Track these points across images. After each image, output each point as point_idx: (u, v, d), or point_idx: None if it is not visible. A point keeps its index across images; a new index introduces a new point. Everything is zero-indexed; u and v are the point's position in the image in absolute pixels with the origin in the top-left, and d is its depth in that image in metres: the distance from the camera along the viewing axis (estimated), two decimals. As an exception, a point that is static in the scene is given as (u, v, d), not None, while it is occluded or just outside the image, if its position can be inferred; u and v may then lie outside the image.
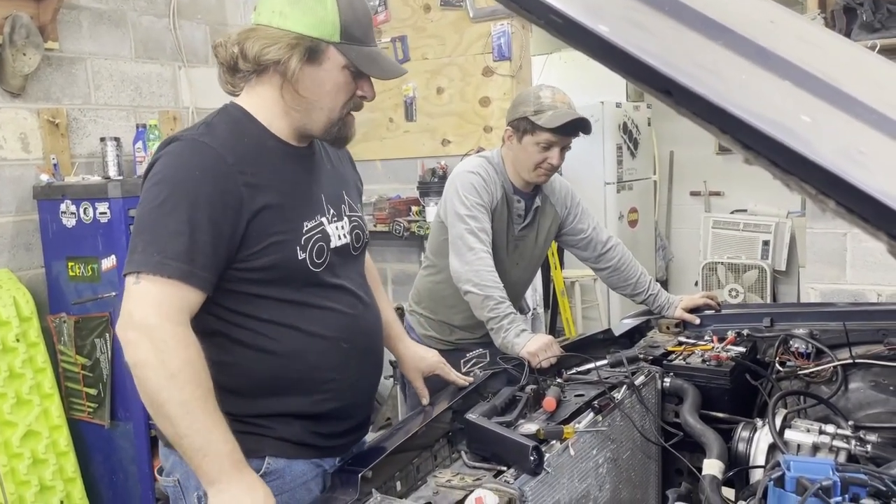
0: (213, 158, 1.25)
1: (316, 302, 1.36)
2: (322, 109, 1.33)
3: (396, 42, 4.00)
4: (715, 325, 2.05)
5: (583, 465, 1.45)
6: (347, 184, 1.53)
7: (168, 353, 1.16)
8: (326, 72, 1.30)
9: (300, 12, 1.27)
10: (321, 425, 1.40)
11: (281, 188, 1.32)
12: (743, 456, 1.54)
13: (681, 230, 6.12)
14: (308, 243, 1.33)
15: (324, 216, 1.39)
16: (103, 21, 3.28)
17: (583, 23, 0.63)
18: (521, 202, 2.18)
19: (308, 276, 1.34)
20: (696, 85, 0.60)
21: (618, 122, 4.81)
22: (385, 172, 4.23)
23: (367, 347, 1.46)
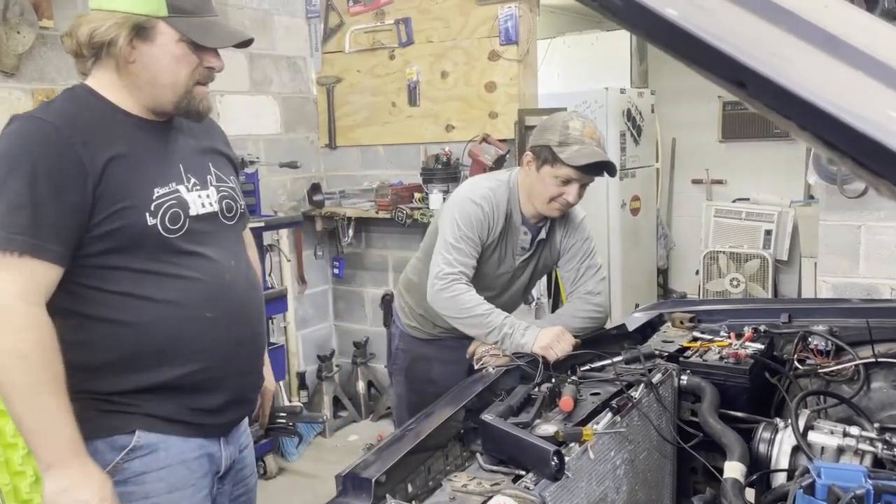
0: (48, 131, 1.26)
1: (172, 271, 1.35)
2: (164, 85, 1.34)
3: (400, 24, 3.91)
4: (731, 320, 2.00)
5: (601, 467, 1.40)
6: (215, 157, 1.52)
7: (20, 333, 1.18)
8: (161, 47, 1.32)
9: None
10: (194, 399, 1.39)
11: (128, 155, 1.32)
12: (764, 458, 1.50)
13: (682, 218, 6.07)
14: (159, 209, 1.33)
15: (180, 184, 1.38)
16: (99, -1, 3.18)
17: (649, 5, 0.57)
18: (528, 234, 2.08)
19: (161, 242, 1.33)
20: (777, 76, 0.53)
21: (622, 108, 4.74)
22: (387, 158, 4.16)
23: (237, 317, 1.44)
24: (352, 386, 4.23)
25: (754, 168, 5.64)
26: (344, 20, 4.10)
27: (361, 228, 4.26)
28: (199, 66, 1.36)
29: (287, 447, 3.66)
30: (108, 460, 1.32)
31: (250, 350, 1.50)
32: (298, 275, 4.20)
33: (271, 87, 4.05)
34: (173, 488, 1.37)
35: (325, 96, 4.25)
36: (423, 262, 2.19)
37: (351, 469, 1.27)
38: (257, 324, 1.53)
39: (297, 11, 4.17)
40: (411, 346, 2.31)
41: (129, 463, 1.34)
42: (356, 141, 4.23)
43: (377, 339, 4.29)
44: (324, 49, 4.21)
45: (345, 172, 4.31)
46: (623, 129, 4.74)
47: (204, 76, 1.38)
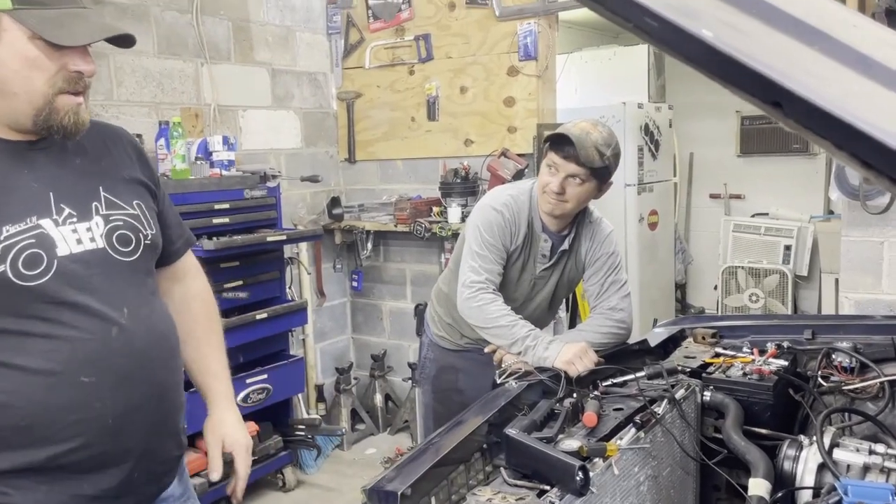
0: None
1: (36, 329, 1.11)
2: (17, 94, 1.10)
3: (420, 40, 3.95)
4: (753, 336, 1.99)
5: (625, 483, 1.40)
6: (110, 178, 1.26)
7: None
8: (8, 47, 1.08)
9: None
10: (75, 484, 1.16)
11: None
12: (789, 475, 1.49)
13: (700, 233, 6.05)
14: (9, 252, 1.08)
15: (45, 217, 1.13)
16: (127, 16, 3.24)
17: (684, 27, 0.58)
18: (549, 242, 2.09)
19: (15, 293, 1.09)
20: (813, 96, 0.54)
21: (639, 123, 4.74)
22: (406, 172, 4.18)
23: (129, 379, 1.19)
24: (369, 399, 4.24)
25: (773, 183, 5.62)
26: (364, 36, 4.15)
27: (380, 242, 4.28)
28: (60, 71, 1.11)
29: (305, 459, 3.68)
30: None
31: (151, 417, 1.24)
32: (317, 287, 4.22)
33: (293, 103, 4.09)
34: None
35: (345, 111, 4.30)
36: (453, 273, 2.22)
37: (376, 482, 1.28)
38: (163, 383, 1.27)
39: (319, 28, 4.22)
40: (439, 355, 2.35)
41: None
42: (375, 155, 4.27)
43: (395, 352, 4.30)
44: (344, 65, 4.26)
45: (364, 186, 4.34)
46: (640, 144, 4.74)
47: (70, 82, 1.12)
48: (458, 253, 2.19)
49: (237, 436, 1.45)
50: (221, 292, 3.04)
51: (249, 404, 3.14)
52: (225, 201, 3.05)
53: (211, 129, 3.57)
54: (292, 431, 3.46)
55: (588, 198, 2.03)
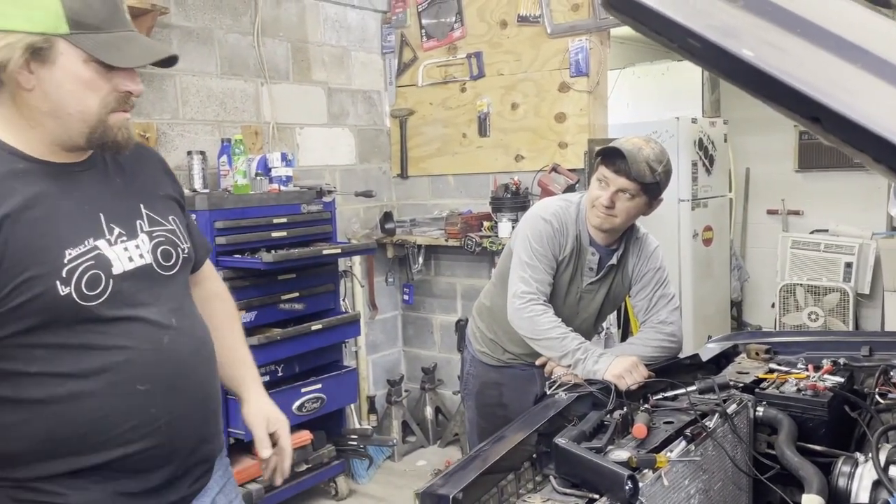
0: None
1: (96, 342, 1.17)
2: (72, 115, 1.15)
3: (472, 58, 4.02)
4: (808, 352, 1.96)
5: (675, 495, 1.40)
6: (148, 195, 1.31)
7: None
8: (63, 70, 1.12)
9: (16, 7, 1.10)
10: (127, 483, 1.22)
11: (28, 212, 1.13)
12: (844, 492, 1.46)
13: (757, 250, 5.93)
14: (73, 274, 1.13)
15: (100, 238, 1.19)
16: (192, 39, 3.40)
17: (726, 47, 0.61)
18: (596, 255, 2.10)
19: (79, 313, 1.14)
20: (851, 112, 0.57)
21: (693, 138, 4.70)
22: (457, 187, 4.24)
23: (179, 385, 1.26)
24: (420, 411, 4.28)
25: (833, 199, 5.48)
26: (417, 55, 4.24)
27: (431, 256, 4.34)
28: (112, 91, 1.16)
29: (357, 469, 3.73)
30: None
31: (198, 418, 1.31)
32: (370, 300, 4.30)
33: (347, 120, 4.20)
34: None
35: (398, 128, 4.39)
36: (497, 287, 2.24)
37: (428, 486, 1.32)
38: (206, 386, 1.34)
39: (373, 48, 4.33)
40: (481, 371, 2.36)
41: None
42: (427, 171, 4.34)
43: (445, 365, 4.34)
44: (398, 83, 4.35)
45: (415, 201, 4.41)
46: (695, 159, 4.70)
47: (120, 101, 1.18)
48: (503, 267, 2.21)
49: (278, 415, 1.51)
50: (279, 303, 3.13)
51: (304, 413, 3.21)
52: (283, 215, 3.15)
53: (270, 146, 3.69)
54: (345, 441, 3.53)
55: (637, 213, 2.04)
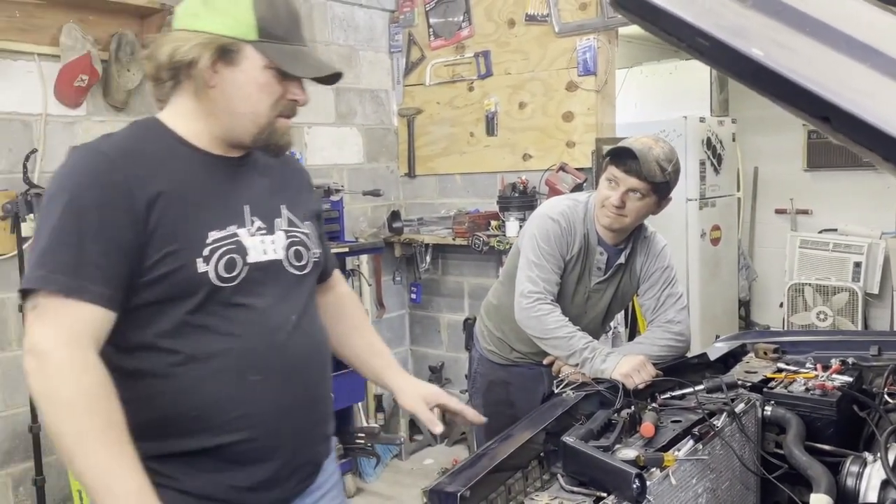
0: (102, 162, 1.16)
1: (219, 326, 1.21)
2: (244, 114, 1.24)
3: (479, 57, 4.02)
4: (817, 352, 1.96)
5: (682, 494, 1.41)
6: (291, 199, 1.38)
7: (60, 380, 1.05)
8: (245, 73, 1.21)
9: (212, 11, 1.20)
10: (233, 474, 1.24)
11: (181, 193, 1.20)
12: (852, 492, 1.46)
13: (765, 249, 5.91)
14: (213, 254, 1.19)
15: (242, 227, 1.25)
16: (200, 38, 3.41)
17: (735, 46, 0.61)
18: (604, 255, 2.10)
19: (212, 292, 1.19)
20: (860, 111, 0.57)
21: (701, 137, 4.69)
22: (464, 186, 4.24)
23: (291, 381, 1.28)
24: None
25: (842, 198, 5.46)
26: (425, 54, 4.24)
27: (438, 255, 4.35)
28: (282, 98, 1.25)
29: (364, 467, 3.74)
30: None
31: (306, 418, 1.33)
32: (377, 299, 4.31)
33: (355, 119, 4.21)
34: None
35: (405, 127, 4.39)
36: (504, 286, 2.25)
37: (436, 484, 1.33)
38: (318, 388, 1.37)
39: (381, 47, 4.34)
40: (489, 369, 2.36)
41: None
42: (435, 170, 4.35)
43: (452, 364, 4.35)
44: (405, 82, 4.36)
45: (423, 200, 4.42)
46: (703, 158, 4.69)
47: (287, 108, 1.27)
48: (510, 265, 2.22)
49: (431, 389, 1.56)
50: (286, 302, 3.14)
51: (312, 412, 3.21)
52: (291, 214, 3.16)
53: (278, 145, 3.70)
54: (352, 439, 3.54)
55: (647, 213, 2.04)
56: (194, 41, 1.18)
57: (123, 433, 1.08)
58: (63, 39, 2.86)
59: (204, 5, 1.21)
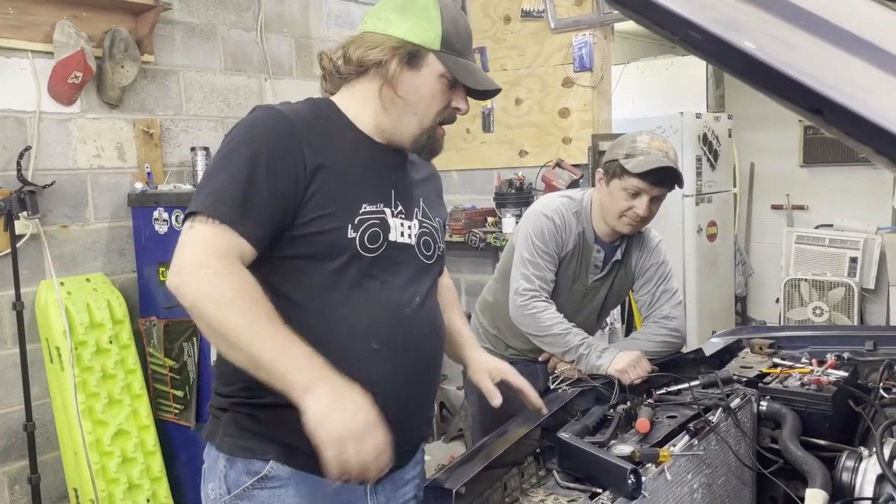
0: (284, 123, 1.26)
1: (353, 292, 1.29)
2: (415, 115, 1.34)
3: (475, 53, 4.00)
4: (812, 347, 1.96)
5: (678, 489, 1.41)
6: (428, 199, 1.48)
7: (221, 282, 1.14)
8: (424, 77, 1.32)
9: (404, 19, 1.32)
10: None
11: (346, 166, 1.31)
12: (847, 486, 1.46)
13: (761, 245, 5.92)
14: (362, 225, 1.29)
15: (388, 206, 1.34)
16: (195, 35, 3.40)
17: (727, 39, 0.61)
18: (601, 252, 2.09)
19: (354, 258, 1.28)
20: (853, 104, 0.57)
21: (697, 132, 4.68)
22: (461, 183, 4.24)
23: (407, 356, 1.34)
24: (424, 407, 4.28)
25: (838, 193, 5.47)
26: (421, 50, 4.23)
27: (435, 252, 4.33)
28: (448, 106, 1.35)
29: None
30: (240, 482, 1.28)
31: (417, 396, 1.39)
32: (374, 297, 4.30)
33: (351, 116, 4.20)
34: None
35: (401, 123, 4.38)
36: (499, 283, 2.24)
37: (432, 480, 1.33)
38: (431, 370, 1.44)
39: (377, 42, 4.32)
40: None
41: (259, 490, 1.28)
42: (431, 166, 4.33)
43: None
44: (401, 78, 4.34)
45: (420, 197, 4.41)
46: (699, 154, 4.69)
47: (449, 116, 1.37)
48: (505, 263, 2.21)
49: (499, 364, 1.62)
50: (283, 299, 3.14)
51: (308, 409, 3.22)
52: (287, 211, 3.16)
53: (273, 142, 3.69)
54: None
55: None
56: (387, 44, 1.30)
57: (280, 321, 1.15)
58: (56, 36, 2.85)
59: (396, 12, 1.33)
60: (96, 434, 2.83)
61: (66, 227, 2.99)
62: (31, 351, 2.85)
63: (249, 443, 1.29)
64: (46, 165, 2.93)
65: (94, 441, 2.81)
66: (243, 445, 1.30)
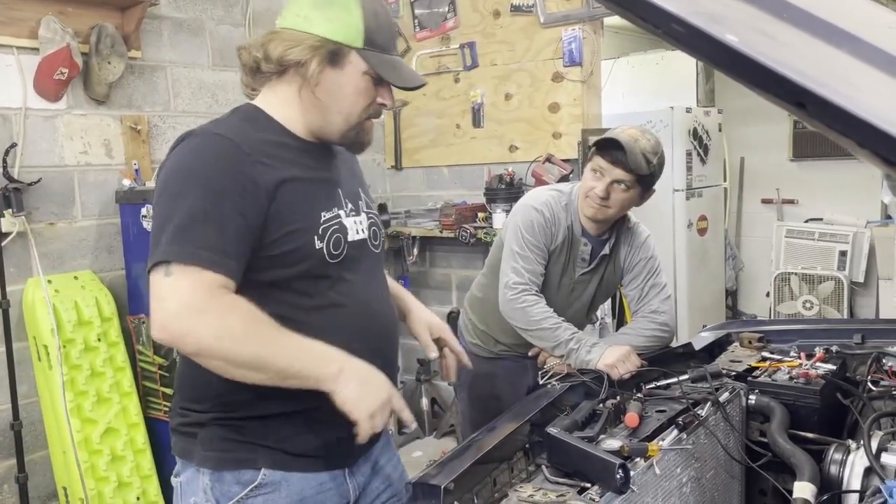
0: (229, 147, 1.25)
1: (328, 297, 1.33)
2: (340, 113, 1.35)
3: (465, 48, 4.00)
4: (801, 340, 1.97)
5: (667, 483, 1.41)
6: (362, 185, 1.52)
7: (227, 319, 1.16)
8: (347, 76, 1.32)
9: (324, 17, 1.30)
10: (323, 432, 1.35)
11: (298, 179, 1.32)
12: (835, 479, 1.47)
13: (752, 239, 5.95)
14: (325, 233, 1.32)
15: (341, 209, 1.38)
16: (183, 30, 3.38)
17: (709, 32, 0.60)
18: (588, 245, 2.09)
19: (324, 267, 1.32)
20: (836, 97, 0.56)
21: (688, 127, 4.69)
22: (451, 178, 4.23)
23: (378, 348, 1.41)
24: (416, 403, 4.28)
25: (828, 188, 5.49)
26: (410, 45, 4.21)
27: (426, 247, 4.33)
28: (374, 101, 1.36)
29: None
30: (233, 493, 1.31)
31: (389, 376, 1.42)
32: (365, 293, 4.29)
33: (341, 111, 4.18)
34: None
35: (391, 119, 4.37)
36: (488, 278, 2.24)
37: (420, 476, 1.32)
38: (394, 354, 1.52)
39: (366, 38, 4.30)
40: (474, 363, 2.34)
41: (253, 499, 1.31)
42: (421, 162, 4.33)
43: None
44: (391, 73, 4.33)
45: (410, 193, 4.40)
46: (689, 149, 4.69)
47: (375, 111, 1.39)
48: (494, 258, 2.21)
49: (439, 322, 1.66)
50: (272, 296, 3.13)
51: (299, 406, 3.21)
52: (276, 208, 3.14)
53: (263, 138, 3.67)
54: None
55: (630, 205, 2.03)
56: (307, 43, 1.29)
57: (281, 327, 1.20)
58: (42, 32, 2.82)
59: (316, 9, 1.30)
60: (85, 432, 2.81)
61: (54, 224, 2.97)
62: (19, 349, 2.84)
63: (237, 454, 1.31)
64: (33, 162, 2.90)
65: (82, 439, 2.79)
66: (231, 458, 1.31)
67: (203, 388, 1.31)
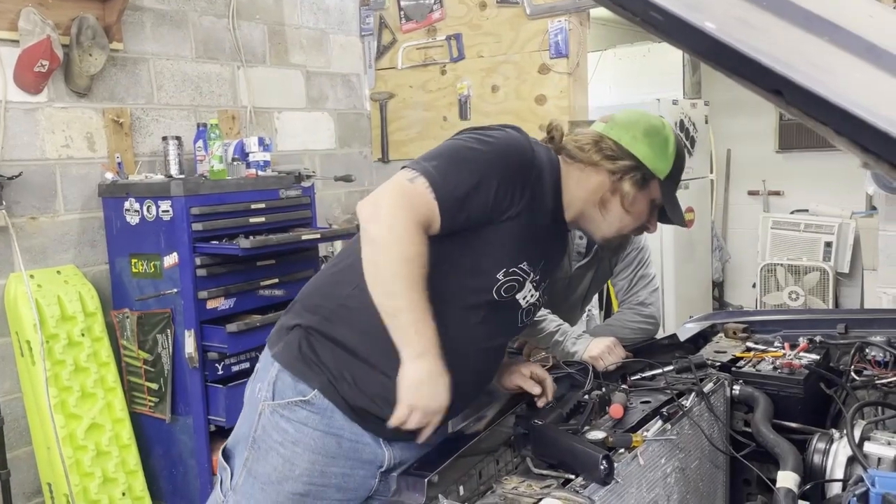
0: (530, 163, 1.41)
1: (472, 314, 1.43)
2: (619, 223, 1.53)
3: (451, 40, 3.98)
4: (785, 330, 1.97)
5: (651, 474, 1.41)
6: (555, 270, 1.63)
7: (407, 240, 1.29)
8: (640, 197, 1.51)
9: (649, 144, 1.50)
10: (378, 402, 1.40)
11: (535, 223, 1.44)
12: (819, 468, 1.48)
13: (738, 230, 5.97)
14: (509, 275, 1.43)
15: (535, 273, 1.48)
16: (165, 22, 3.34)
17: (688, 19, 0.60)
18: (584, 238, 2.08)
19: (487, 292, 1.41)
20: (813, 84, 0.56)
21: (674, 119, 4.70)
22: (438, 171, 4.21)
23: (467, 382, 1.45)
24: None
25: (813, 179, 5.52)
26: (396, 37, 4.20)
27: (413, 241, 4.32)
28: (643, 224, 1.55)
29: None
30: (286, 394, 1.41)
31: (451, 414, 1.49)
32: (352, 286, 4.28)
33: (327, 104, 4.16)
34: (316, 450, 1.41)
35: (378, 112, 4.35)
36: None
37: (405, 469, 1.32)
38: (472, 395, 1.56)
39: (352, 30, 4.28)
40: None
41: (299, 409, 1.41)
42: (408, 155, 4.31)
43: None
44: (377, 66, 4.31)
45: (397, 186, 4.38)
46: (676, 141, 4.71)
47: (637, 231, 1.58)
48: None
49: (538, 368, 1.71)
50: (258, 290, 3.11)
51: (286, 400, 3.20)
52: (261, 201, 3.12)
53: (247, 130, 3.65)
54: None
55: None
56: (627, 161, 1.48)
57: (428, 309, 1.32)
58: (21, 24, 2.78)
59: (645, 135, 1.50)
60: (69, 428, 2.79)
61: (36, 218, 2.94)
62: (1, 345, 2.81)
63: (303, 366, 1.41)
64: (13, 156, 2.86)
65: (67, 435, 2.77)
66: (299, 366, 1.42)
67: (324, 298, 1.45)
